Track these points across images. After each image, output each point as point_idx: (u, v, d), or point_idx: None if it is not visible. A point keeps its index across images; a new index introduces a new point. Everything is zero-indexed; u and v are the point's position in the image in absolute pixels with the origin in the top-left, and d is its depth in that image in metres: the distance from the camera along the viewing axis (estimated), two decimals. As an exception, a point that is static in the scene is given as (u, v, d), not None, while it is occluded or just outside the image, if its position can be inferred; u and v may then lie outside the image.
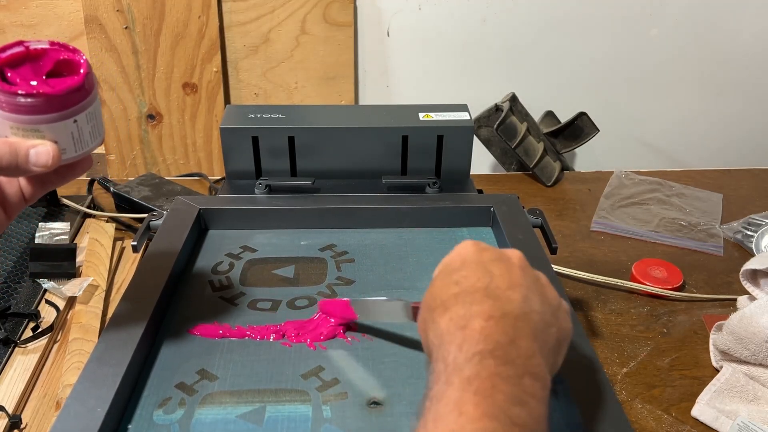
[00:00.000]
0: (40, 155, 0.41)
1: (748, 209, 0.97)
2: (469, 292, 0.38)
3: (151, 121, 1.18)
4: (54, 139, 0.41)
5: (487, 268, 0.39)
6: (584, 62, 1.24)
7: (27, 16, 1.10)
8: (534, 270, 0.41)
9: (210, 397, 0.46)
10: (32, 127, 0.40)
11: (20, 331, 0.69)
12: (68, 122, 0.41)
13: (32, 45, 0.41)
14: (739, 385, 0.63)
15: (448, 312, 0.37)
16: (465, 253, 0.41)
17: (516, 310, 0.37)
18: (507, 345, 0.35)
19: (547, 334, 0.38)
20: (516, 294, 0.38)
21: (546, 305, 0.39)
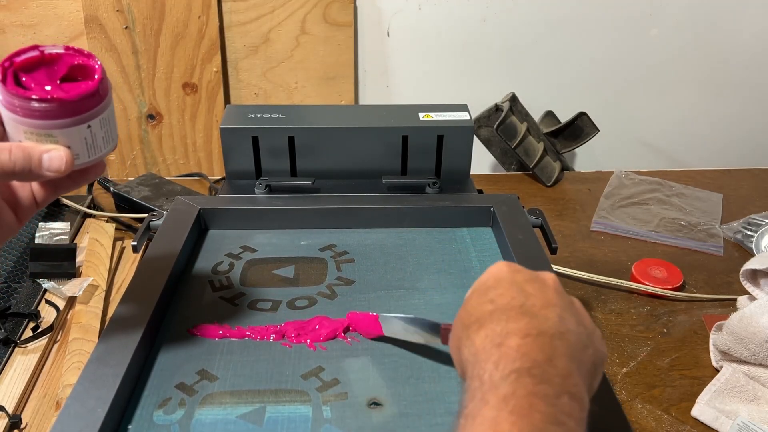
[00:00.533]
0: (54, 160, 0.41)
1: (748, 209, 0.97)
2: (504, 310, 0.37)
3: (151, 121, 1.18)
4: (67, 144, 0.41)
5: (521, 288, 0.39)
6: (584, 62, 1.24)
7: (27, 16, 1.10)
8: (568, 295, 0.41)
9: (210, 398, 0.46)
10: (46, 132, 0.40)
11: (20, 331, 0.69)
12: (82, 127, 0.41)
13: (47, 50, 0.41)
14: (739, 385, 0.63)
15: (483, 329, 0.37)
16: (499, 273, 0.41)
17: (552, 328, 0.36)
18: (544, 363, 0.34)
19: (584, 355, 0.37)
20: (552, 313, 0.37)
21: (581, 327, 0.38)
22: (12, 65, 0.40)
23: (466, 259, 0.63)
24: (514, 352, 0.34)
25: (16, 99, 0.40)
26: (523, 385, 0.33)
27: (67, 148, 0.41)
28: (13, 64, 0.40)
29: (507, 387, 0.33)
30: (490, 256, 0.64)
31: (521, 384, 0.33)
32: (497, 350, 0.35)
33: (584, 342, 0.38)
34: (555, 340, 0.36)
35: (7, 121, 0.41)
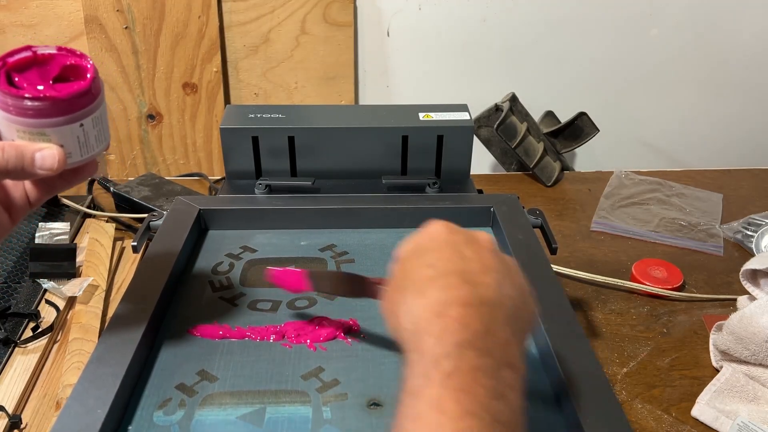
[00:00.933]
0: (46, 159, 0.41)
1: (748, 209, 0.97)
2: (444, 275, 0.36)
3: (151, 121, 1.18)
4: (60, 143, 0.42)
5: (460, 251, 0.38)
6: (584, 62, 1.24)
7: (27, 16, 1.10)
8: (502, 254, 0.41)
9: (210, 398, 0.46)
10: (38, 131, 0.41)
11: (20, 331, 0.69)
12: (74, 126, 0.42)
13: (40, 50, 0.42)
14: (739, 385, 0.63)
15: (423, 297, 0.36)
16: (436, 233, 0.40)
17: (492, 296, 0.36)
18: (485, 334, 0.34)
19: (520, 322, 0.37)
20: (490, 279, 0.37)
21: (517, 290, 0.38)
22: (5, 65, 0.41)
23: (466, 259, 0.63)
24: (456, 323, 0.34)
25: (9, 98, 0.40)
26: (466, 360, 0.32)
27: (59, 146, 0.41)
28: (6, 64, 0.41)
29: (450, 362, 0.32)
30: (490, 257, 0.64)
31: (464, 359, 0.32)
32: (438, 320, 0.34)
33: (519, 306, 0.37)
34: (494, 308, 0.35)
35: (1, 121, 0.41)
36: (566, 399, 0.45)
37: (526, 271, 0.57)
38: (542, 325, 0.51)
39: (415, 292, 0.36)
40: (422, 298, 0.36)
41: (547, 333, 0.50)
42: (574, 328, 0.51)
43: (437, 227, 0.40)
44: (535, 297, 0.41)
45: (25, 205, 0.46)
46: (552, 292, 0.55)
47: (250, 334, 0.53)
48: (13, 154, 0.40)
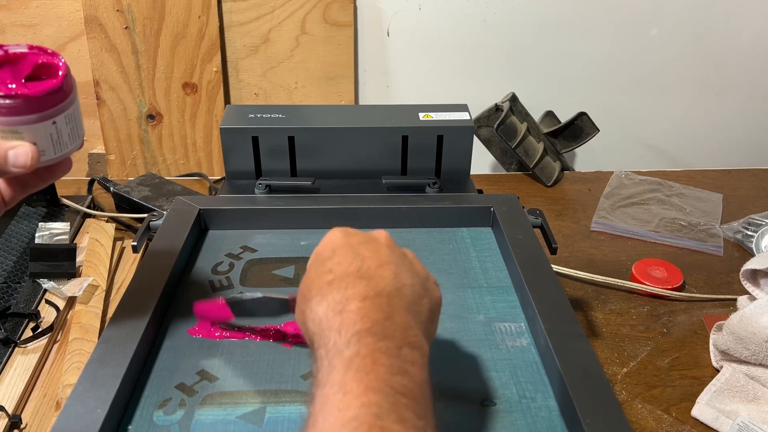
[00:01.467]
0: (19, 156, 0.41)
1: (748, 209, 0.97)
2: (342, 277, 0.39)
3: (151, 121, 1.18)
4: (33, 141, 0.42)
5: (356, 252, 0.40)
6: (584, 62, 1.24)
7: (27, 16, 1.10)
8: (400, 247, 0.43)
9: (210, 398, 0.46)
10: (11, 129, 0.41)
11: (20, 331, 0.68)
12: (47, 124, 0.42)
13: (11, 49, 0.42)
14: (739, 385, 0.63)
15: (324, 299, 0.38)
16: (334, 241, 0.42)
17: (389, 287, 0.38)
18: (384, 321, 0.36)
19: (420, 305, 0.40)
20: (387, 272, 0.39)
21: (416, 278, 0.41)
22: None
23: (466, 259, 0.63)
24: (354, 315, 0.36)
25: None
26: (365, 345, 0.34)
27: (32, 144, 0.42)
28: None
29: (351, 349, 0.34)
30: (490, 256, 0.64)
31: (364, 344, 0.34)
32: (339, 317, 0.36)
33: (419, 293, 0.40)
34: (392, 297, 0.38)
35: None
36: (566, 399, 0.45)
37: (527, 271, 0.57)
38: (542, 324, 0.51)
39: (318, 297, 0.38)
40: (324, 300, 0.38)
41: (547, 333, 0.50)
42: (574, 328, 0.51)
43: (334, 234, 0.43)
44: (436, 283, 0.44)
45: (0, 205, 0.46)
46: (552, 292, 0.55)
47: (250, 334, 0.53)
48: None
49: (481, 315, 0.56)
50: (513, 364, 0.50)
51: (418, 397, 0.34)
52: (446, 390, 0.47)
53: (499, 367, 0.50)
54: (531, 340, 0.53)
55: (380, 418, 0.31)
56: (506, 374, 0.49)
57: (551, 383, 0.48)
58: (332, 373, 0.34)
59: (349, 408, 0.31)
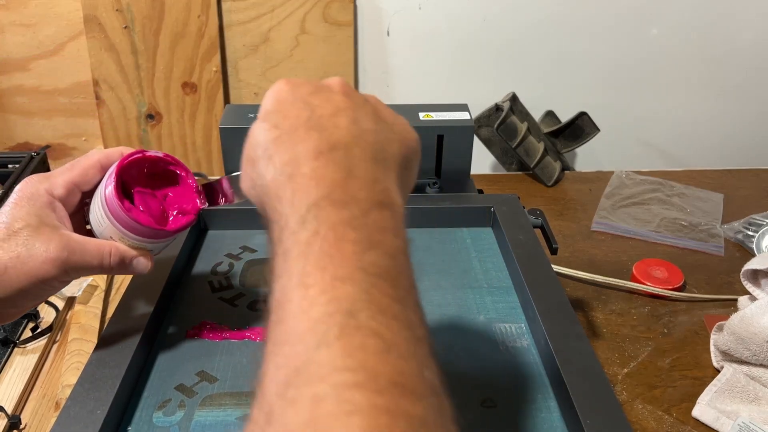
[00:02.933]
0: (140, 264, 0.47)
1: (749, 209, 0.97)
2: (290, 132, 0.32)
3: (151, 120, 1.18)
4: (151, 250, 0.47)
5: (306, 101, 0.34)
6: (584, 62, 1.24)
7: (26, 16, 1.10)
8: (362, 94, 0.37)
9: (210, 399, 0.46)
10: (142, 242, 0.46)
11: (19, 331, 0.68)
12: (169, 239, 0.48)
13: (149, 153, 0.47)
14: (740, 386, 0.63)
15: (271, 161, 0.32)
16: (279, 92, 0.36)
17: (346, 136, 0.32)
18: (344, 180, 0.30)
19: (387, 153, 0.33)
20: (342, 119, 0.33)
21: (380, 123, 0.34)
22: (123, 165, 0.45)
23: (466, 259, 0.63)
24: (308, 180, 0.30)
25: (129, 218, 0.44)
26: (324, 220, 0.28)
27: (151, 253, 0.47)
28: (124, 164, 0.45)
29: (308, 229, 0.28)
30: (490, 257, 0.64)
31: (322, 219, 0.28)
32: (290, 183, 0.30)
33: (386, 137, 0.34)
34: (351, 147, 0.32)
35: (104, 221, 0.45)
36: (566, 399, 0.45)
37: (527, 271, 0.57)
38: (543, 325, 0.50)
39: (265, 159, 0.33)
40: (270, 163, 0.32)
41: (547, 333, 0.50)
42: (575, 329, 0.50)
43: (278, 85, 0.36)
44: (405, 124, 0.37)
45: None
46: (552, 293, 0.55)
47: (249, 334, 0.53)
48: (117, 260, 0.45)
49: (481, 315, 0.56)
50: (513, 365, 0.50)
51: (395, 273, 0.28)
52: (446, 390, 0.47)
53: (500, 368, 0.50)
54: (531, 340, 0.53)
55: (353, 315, 0.25)
56: (506, 375, 0.49)
57: (551, 384, 0.48)
58: (289, 260, 0.28)
59: (313, 306, 0.26)
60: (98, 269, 0.45)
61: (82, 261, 0.43)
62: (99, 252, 0.44)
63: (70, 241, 0.43)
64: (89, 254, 0.44)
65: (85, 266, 0.44)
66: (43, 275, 0.42)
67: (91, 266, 0.44)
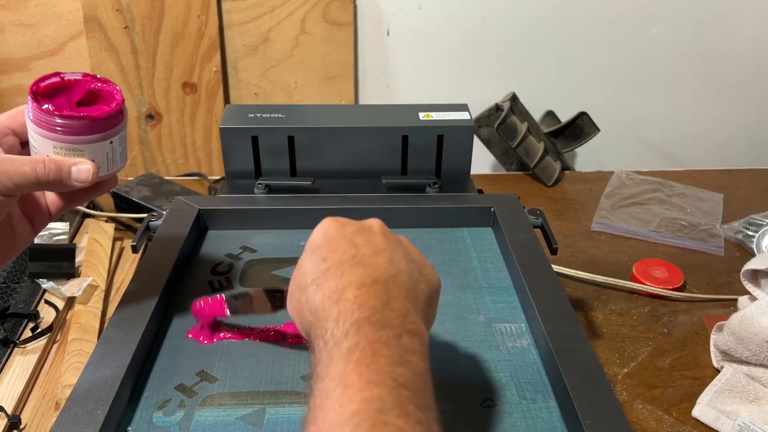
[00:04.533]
0: (81, 172, 0.45)
1: (749, 209, 0.97)
2: (338, 265, 0.38)
3: (151, 120, 1.18)
4: (92, 158, 0.46)
5: (351, 240, 0.40)
6: (584, 62, 1.24)
7: (26, 16, 1.09)
8: (394, 234, 0.43)
9: (210, 399, 0.46)
10: (74, 147, 0.45)
11: (19, 331, 0.68)
12: (105, 143, 0.46)
13: (66, 76, 0.46)
14: (740, 386, 0.63)
15: (320, 289, 0.38)
16: (327, 230, 0.42)
17: (385, 274, 0.38)
18: (382, 308, 0.36)
19: (417, 291, 0.39)
20: (382, 259, 0.39)
21: (412, 264, 0.41)
22: (37, 90, 0.45)
23: (466, 259, 0.63)
24: (352, 304, 0.36)
25: (49, 116, 0.44)
26: (364, 335, 0.34)
27: (92, 161, 0.46)
28: (39, 88, 0.45)
29: (350, 341, 0.34)
30: (490, 257, 0.64)
31: (362, 334, 0.34)
32: (336, 306, 0.36)
33: (416, 278, 0.40)
34: (389, 284, 0.38)
35: (36, 137, 0.45)
36: (566, 399, 0.45)
37: (527, 271, 0.57)
38: (543, 325, 0.50)
39: (314, 286, 0.38)
40: (320, 289, 0.38)
41: (547, 333, 0.50)
42: (575, 329, 0.50)
43: (327, 223, 0.42)
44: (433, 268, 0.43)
45: (46, 217, 0.50)
46: (552, 293, 0.55)
47: (249, 334, 0.53)
48: (53, 167, 0.44)
49: (481, 316, 0.56)
50: (513, 365, 0.50)
51: (420, 388, 0.33)
52: (446, 391, 0.47)
53: (500, 368, 0.50)
54: (531, 340, 0.53)
55: (383, 413, 0.30)
56: (506, 375, 0.49)
57: (551, 384, 0.48)
58: (331, 366, 0.33)
59: (350, 403, 0.31)
60: (35, 180, 0.43)
61: (15, 169, 0.42)
62: (31, 162, 0.43)
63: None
64: (19, 162, 0.43)
65: (18, 174, 0.43)
66: None
67: (26, 174, 0.43)
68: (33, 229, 0.49)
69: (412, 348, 0.35)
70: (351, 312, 0.35)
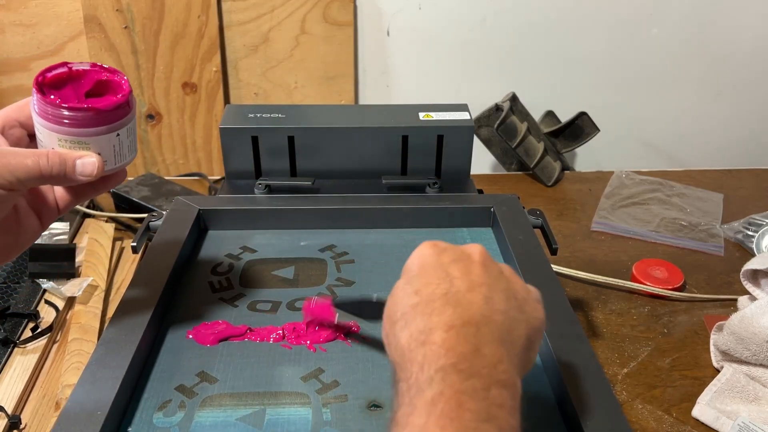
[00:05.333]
0: (86, 165, 0.43)
1: (749, 209, 0.97)
2: (428, 302, 0.36)
3: (151, 120, 1.18)
4: (98, 152, 0.44)
5: (447, 272, 0.37)
6: (584, 62, 1.24)
7: (26, 16, 1.09)
8: (497, 263, 0.40)
9: (210, 400, 0.46)
10: (79, 140, 0.43)
11: (19, 331, 0.68)
12: (111, 136, 0.44)
13: (75, 66, 0.45)
14: (740, 386, 0.63)
15: (407, 327, 0.35)
16: (423, 257, 0.39)
17: (477, 314, 0.35)
18: (471, 355, 0.33)
19: (514, 335, 0.36)
20: (477, 296, 0.36)
21: (511, 301, 0.37)
22: (44, 80, 0.44)
23: (467, 259, 0.63)
24: (438, 348, 0.33)
25: (51, 108, 0.42)
26: (449, 385, 0.32)
27: (98, 154, 0.44)
28: (45, 78, 0.44)
29: (434, 389, 0.32)
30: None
31: (448, 383, 0.32)
32: (422, 349, 0.34)
33: (514, 318, 0.36)
34: (481, 327, 0.34)
35: (41, 130, 0.44)
36: (566, 399, 0.45)
37: (527, 271, 0.57)
38: (543, 325, 0.50)
39: (402, 322, 0.36)
40: (407, 328, 0.35)
41: (547, 333, 0.50)
42: (575, 329, 0.50)
43: (424, 250, 0.40)
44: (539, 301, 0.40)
45: (55, 212, 0.48)
46: (552, 293, 0.55)
47: (249, 334, 0.53)
48: (57, 161, 0.42)
49: (481, 316, 0.56)
50: (513, 365, 0.50)
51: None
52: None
53: (500, 368, 0.50)
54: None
55: None
56: (506, 375, 0.49)
57: (551, 384, 0.48)
58: (413, 415, 0.31)
59: None
60: (38, 174, 0.42)
61: (17, 163, 0.41)
62: (35, 155, 0.42)
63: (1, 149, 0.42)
64: (22, 155, 0.41)
65: (21, 168, 0.41)
66: None
67: (28, 168, 0.41)
68: (41, 224, 0.48)
69: (501, 402, 0.32)
70: (437, 357, 0.33)
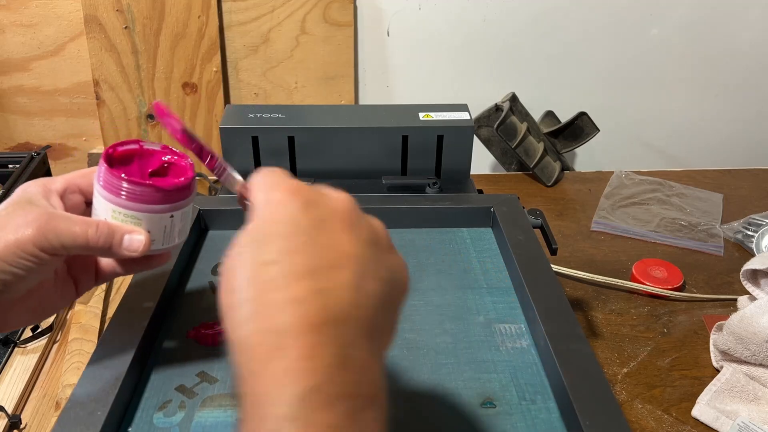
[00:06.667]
0: (134, 241, 0.42)
1: (749, 209, 0.97)
2: (285, 282, 0.28)
3: (151, 121, 1.18)
4: (148, 229, 0.43)
5: (310, 238, 0.29)
6: (584, 62, 1.24)
7: (27, 16, 1.10)
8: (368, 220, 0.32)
9: (210, 400, 0.46)
10: (133, 214, 0.43)
11: (20, 331, 0.68)
12: (165, 216, 0.44)
13: (146, 145, 0.45)
14: (740, 386, 0.63)
15: (255, 318, 0.27)
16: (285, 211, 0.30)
17: (344, 303, 0.28)
18: (336, 368, 0.26)
19: (385, 320, 0.30)
20: (344, 275, 0.29)
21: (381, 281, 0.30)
22: (114, 152, 0.44)
23: (466, 259, 0.63)
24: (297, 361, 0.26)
25: (114, 179, 0.42)
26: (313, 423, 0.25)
27: (147, 232, 0.43)
28: (116, 151, 0.44)
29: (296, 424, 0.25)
30: (490, 257, 0.64)
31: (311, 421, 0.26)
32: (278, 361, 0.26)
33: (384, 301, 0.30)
34: (349, 322, 0.28)
35: (98, 198, 0.43)
36: (566, 399, 0.45)
37: (527, 271, 0.57)
38: (542, 326, 0.51)
39: (247, 308, 0.28)
40: (253, 319, 0.27)
41: (546, 333, 0.50)
42: (574, 330, 0.51)
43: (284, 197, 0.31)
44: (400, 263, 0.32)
45: (92, 281, 0.47)
46: (552, 294, 0.55)
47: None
48: (105, 232, 0.41)
49: (481, 316, 0.56)
50: (513, 366, 0.50)
51: None
52: (446, 392, 0.47)
53: (499, 368, 0.50)
54: (531, 341, 0.53)
55: None
56: (506, 376, 0.49)
57: (551, 385, 0.48)
58: None
59: None
60: (84, 243, 0.40)
61: (65, 228, 0.40)
62: (84, 223, 0.41)
63: (53, 211, 0.41)
64: (72, 221, 0.40)
65: (67, 234, 0.40)
66: (20, 237, 0.38)
67: (75, 235, 0.40)
68: (76, 292, 0.46)
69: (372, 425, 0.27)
70: (296, 374, 0.26)
